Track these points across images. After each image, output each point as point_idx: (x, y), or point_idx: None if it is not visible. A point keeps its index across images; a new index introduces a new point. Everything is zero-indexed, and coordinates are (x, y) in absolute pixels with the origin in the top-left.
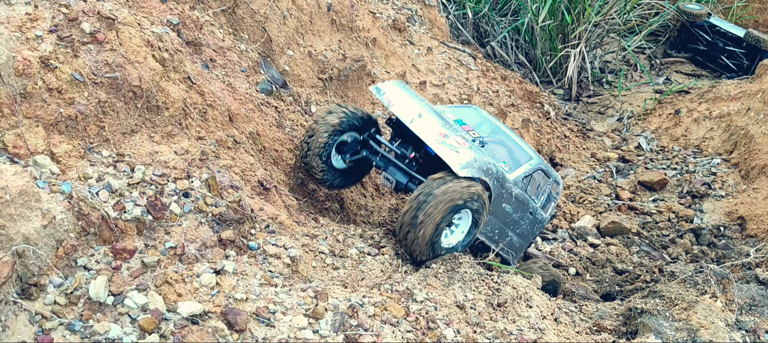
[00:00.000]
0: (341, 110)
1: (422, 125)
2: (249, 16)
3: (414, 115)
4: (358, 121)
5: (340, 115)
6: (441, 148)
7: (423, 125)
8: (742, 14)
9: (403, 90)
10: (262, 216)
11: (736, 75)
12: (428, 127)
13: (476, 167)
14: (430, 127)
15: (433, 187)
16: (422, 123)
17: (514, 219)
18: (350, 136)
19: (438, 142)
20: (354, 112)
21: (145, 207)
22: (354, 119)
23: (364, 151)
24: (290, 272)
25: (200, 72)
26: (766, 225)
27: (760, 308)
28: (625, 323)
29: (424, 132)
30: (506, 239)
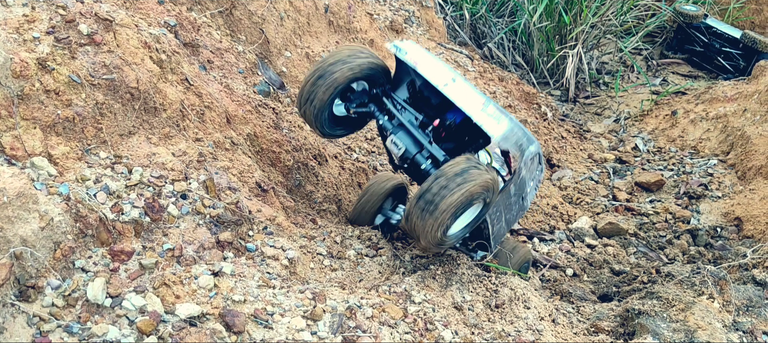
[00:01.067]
0: (362, 53)
1: (458, 91)
2: (246, 18)
3: (447, 80)
4: (376, 72)
5: (361, 60)
6: (482, 117)
7: (459, 91)
8: (739, 16)
9: (426, 51)
10: (260, 218)
11: (732, 76)
12: (466, 93)
13: (512, 142)
14: (468, 93)
15: (452, 175)
16: (458, 88)
17: (511, 203)
18: (360, 85)
19: (479, 109)
20: (375, 59)
21: (143, 209)
22: (372, 68)
23: (372, 106)
24: (288, 274)
25: (198, 73)
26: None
27: (758, 309)
28: (622, 324)
29: (462, 98)
30: (498, 224)
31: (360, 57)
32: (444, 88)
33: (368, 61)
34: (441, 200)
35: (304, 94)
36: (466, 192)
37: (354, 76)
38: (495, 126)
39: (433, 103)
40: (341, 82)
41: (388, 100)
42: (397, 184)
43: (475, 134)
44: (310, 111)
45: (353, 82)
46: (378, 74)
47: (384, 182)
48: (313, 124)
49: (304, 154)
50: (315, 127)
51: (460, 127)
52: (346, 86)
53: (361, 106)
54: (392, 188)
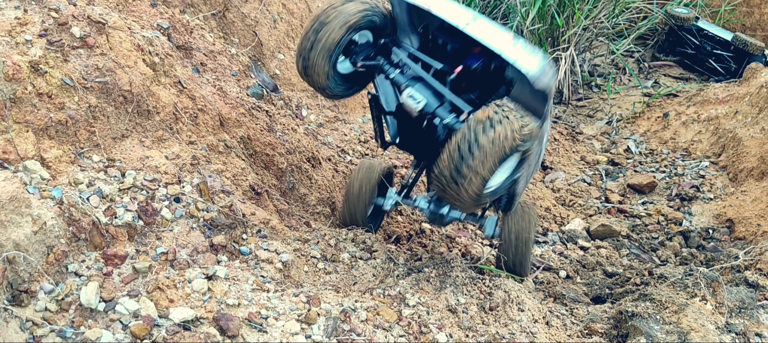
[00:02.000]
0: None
1: (482, 29)
2: (239, 20)
3: (467, 19)
4: (380, 19)
5: (362, 6)
6: (516, 53)
7: (483, 29)
8: (730, 18)
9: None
10: (254, 221)
11: (723, 78)
12: (491, 30)
13: (547, 79)
14: (493, 30)
15: (480, 133)
16: (481, 27)
17: (536, 152)
18: (364, 36)
19: (510, 46)
20: (376, 5)
21: (136, 212)
22: (375, 15)
23: (380, 59)
24: (282, 277)
25: (191, 76)
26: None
27: (750, 311)
28: (615, 326)
29: (489, 36)
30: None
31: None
32: (466, 28)
33: (365, 7)
34: (476, 154)
35: (303, 59)
36: (503, 143)
37: (352, 27)
38: (531, 61)
39: (449, 49)
40: (338, 39)
41: (399, 50)
42: (384, 169)
43: (498, 81)
44: (315, 79)
45: (354, 33)
46: (380, 21)
47: (369, 172)
48: (320, 89)
49: (298, 157)
50: (323, 93)
51: (482, 73)
52: (347, 41)
53: (368, 59)
54: (381, 174)
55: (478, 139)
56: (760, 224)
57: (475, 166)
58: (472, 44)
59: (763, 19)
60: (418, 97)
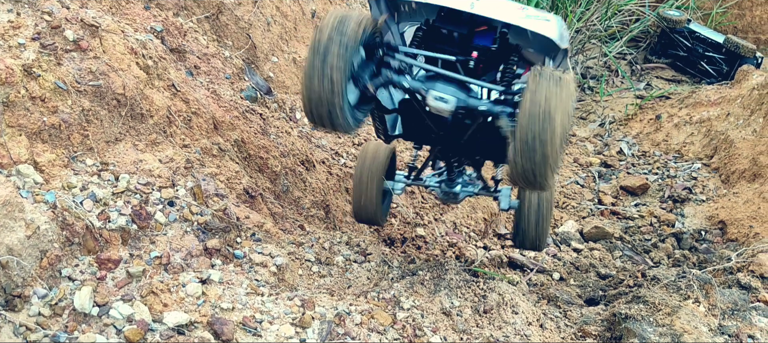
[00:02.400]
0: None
1: (489, 6)
2: (233, 23)
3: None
4: (369, 33)
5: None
6: (532, 23)
7: (490, 5)
8: (722, 20)
9: None
10: (248, 224)
11: (715, 80)
12: (498, 5)
13: (567, 37)
14: (500, 4)
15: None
16: (487, 4)
17: None
18: (357, 55)
19: (523, 16)
20: (364, 16)
21: (130, 216)
22: (367, 29)
23: (388, 72)
24: (277, 281)
25: (184, 79)
26: (746, 229)
27: (742, 313)
28: (609, 328)
29: (500, 11)
30: None
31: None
32: (472, 9)
33: (355, 29)
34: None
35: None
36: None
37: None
38: (549, 27)
39: (457, 36)
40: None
41: (397, 55)
42: (389, 151)
43: (507, 54)
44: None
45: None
46: (372, 34)
47: (375, 155)
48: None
49: (292, 160)
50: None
51: (495, 52)
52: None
53: (374, 76)
54: (387, 156)
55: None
56: (752, 225)
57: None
58: (476, 25)
59: (754, 21)
60: (447, 96)
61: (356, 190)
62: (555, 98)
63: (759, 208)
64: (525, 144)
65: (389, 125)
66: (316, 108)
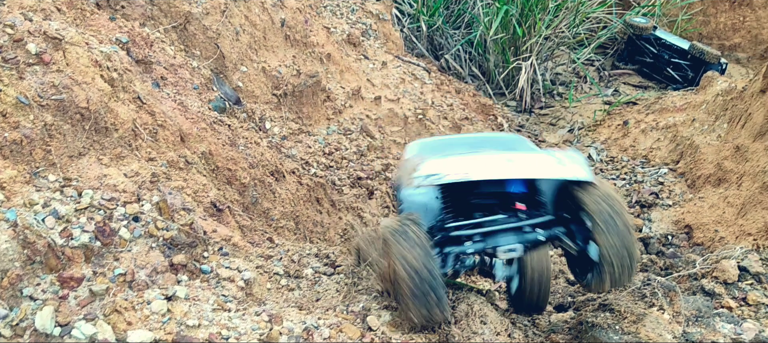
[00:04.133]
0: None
1: (525, 165)
2: (201, 33)
3: (505, 164)
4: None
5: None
6: (567, 170)
7: (526, 164)
8: (687, 27)
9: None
10: (216, 238)
11: (681, 86)
12: (532, 161)
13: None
14: (534, 160)
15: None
16: (523, 164)
17: None
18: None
19: (557, 166)
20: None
21: (93, 233)
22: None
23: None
24: (244, 296)
25: (150, 91)
26: (711, 233)
27: (706, 319)
28: (576, 336)
29: (536, 168)
30: None
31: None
32: (511, 173)
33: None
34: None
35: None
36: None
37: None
38: (581, 170)
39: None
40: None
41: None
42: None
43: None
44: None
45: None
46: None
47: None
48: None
49: (261, 171)
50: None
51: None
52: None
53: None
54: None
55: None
56: (718, 229)
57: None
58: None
59: (718, 28)
60: (515, 246)
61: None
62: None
63: (724, 212)
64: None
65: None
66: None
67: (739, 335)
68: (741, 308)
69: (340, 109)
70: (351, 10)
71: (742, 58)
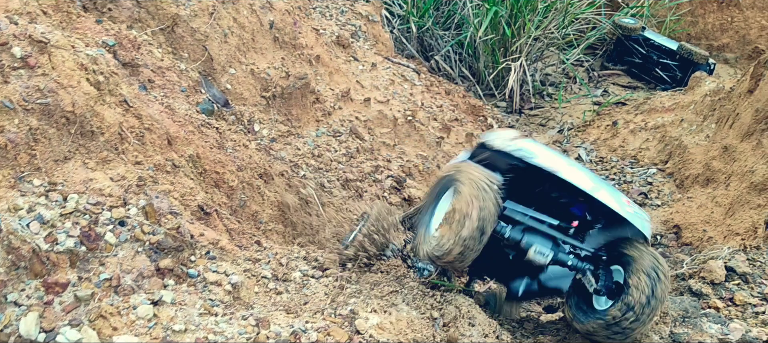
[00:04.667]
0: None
1: (606, 196)
2: (189, 35)
3: (592, 185)
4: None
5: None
6: (636, 219)
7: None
8: (675, 28)
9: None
10: (203, 242)
11: (670, 87)
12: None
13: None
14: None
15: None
16: (605, 194)
17: None
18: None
19: (631, 212)
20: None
21: (79, 238)
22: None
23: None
24: (232, 300)
25: (137, 94)
26: (700, 233)
27: (693, 320)
28: (564, 338)
29: (612, 201)
30: None
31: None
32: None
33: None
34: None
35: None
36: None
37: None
38: (647, 226)
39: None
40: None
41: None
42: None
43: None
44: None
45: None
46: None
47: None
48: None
49: (249, 174)
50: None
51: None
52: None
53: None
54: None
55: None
56: (706, 229)
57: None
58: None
59: (707, 28)
60: (547, 252)
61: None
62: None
63: (712, 212)
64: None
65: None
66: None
67: (726, 336)
68: (728, 309)
69: (329, 111)
70: (340, 12)
71: (730, 58)
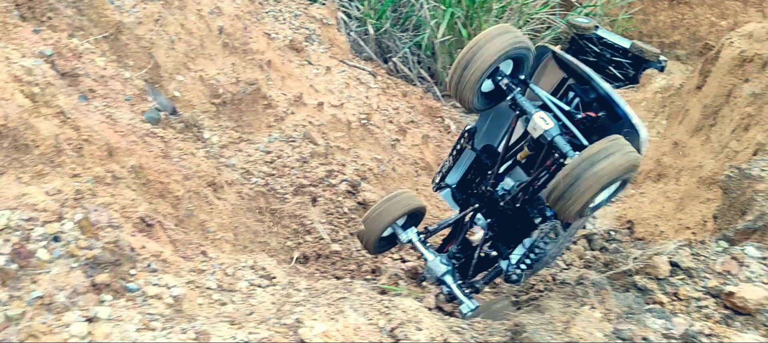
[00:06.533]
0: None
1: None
2: (134, 42)
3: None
4: (526, 56)
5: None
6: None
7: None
8: (628, 26)
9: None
10: (144, 254)
11: (623, 84)
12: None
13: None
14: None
15: (596, 160)
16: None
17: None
18: (508, 66)
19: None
20: (526, 41)
21: (10, 256)
22: (524, 49)
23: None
24: (173, 313)
25: (76, 105)
26: (652, 228)
27: (638, 315)
28: (512, 338)
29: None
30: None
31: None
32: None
33: (516, 40)
34: (587, 175)
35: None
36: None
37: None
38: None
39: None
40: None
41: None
42: (418, 207)
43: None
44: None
45: (503, 60)
46: (524, 57)
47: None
48: (464, 103)
49: (197, 182)
50: (465, 106)
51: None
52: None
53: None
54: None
55: (594, 164)
56: (658, 224)
57: (584, 188)
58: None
59: (658, 26)
60: (549, 120)
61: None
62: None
63: (663, 207)
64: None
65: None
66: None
67: (669, 330)
68: (672, 303)
69: (281, 116)
70: (294, 16)
71: (681, 55)
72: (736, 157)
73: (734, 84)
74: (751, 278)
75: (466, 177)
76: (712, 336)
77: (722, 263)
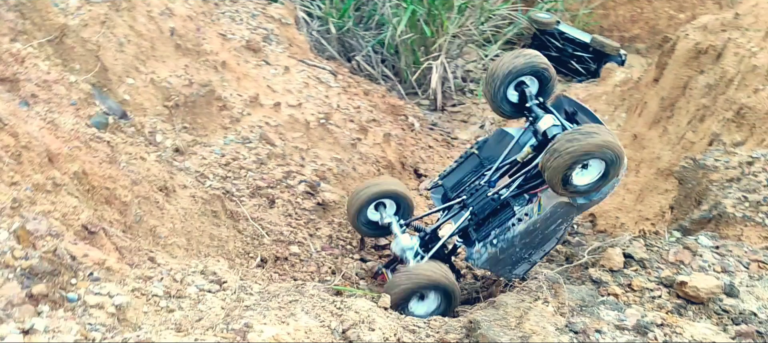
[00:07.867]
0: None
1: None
2: (79, 45)
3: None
4: (544, 75)
5: (529, 59)
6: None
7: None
8: (588, 20)
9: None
10: (86, 263)
11: (585, 78)
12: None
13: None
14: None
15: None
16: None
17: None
18: (534, 83)
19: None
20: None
21: None
22: (540, 67)
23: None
24: (116, 322)
25: (15, 111)
26: (613, 220)
27: (591, 308)
28: (467, 335)
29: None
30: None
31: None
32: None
33: (531, 60)
34: (565, 149)
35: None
36: (586, 145)
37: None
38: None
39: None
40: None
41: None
42: (403, 192)
43: None
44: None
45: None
46: (545, 77)
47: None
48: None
49: (147, 187)
50: (495, 111)
51: None
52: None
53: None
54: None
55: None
56: (619, 216)
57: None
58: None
59: (618, 20)
60: (556, 122)
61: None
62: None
63: (623, 199)
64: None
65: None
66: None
67: (622, 321)
68: (626, 295)
69: (237, 117)
70: (251, 16)
71: (641, 48)
72: (692, 148)
73: (690, 76)
74: (703, 267)
75: (462, 180)
76: (665, 326)
77: (675, 253)
